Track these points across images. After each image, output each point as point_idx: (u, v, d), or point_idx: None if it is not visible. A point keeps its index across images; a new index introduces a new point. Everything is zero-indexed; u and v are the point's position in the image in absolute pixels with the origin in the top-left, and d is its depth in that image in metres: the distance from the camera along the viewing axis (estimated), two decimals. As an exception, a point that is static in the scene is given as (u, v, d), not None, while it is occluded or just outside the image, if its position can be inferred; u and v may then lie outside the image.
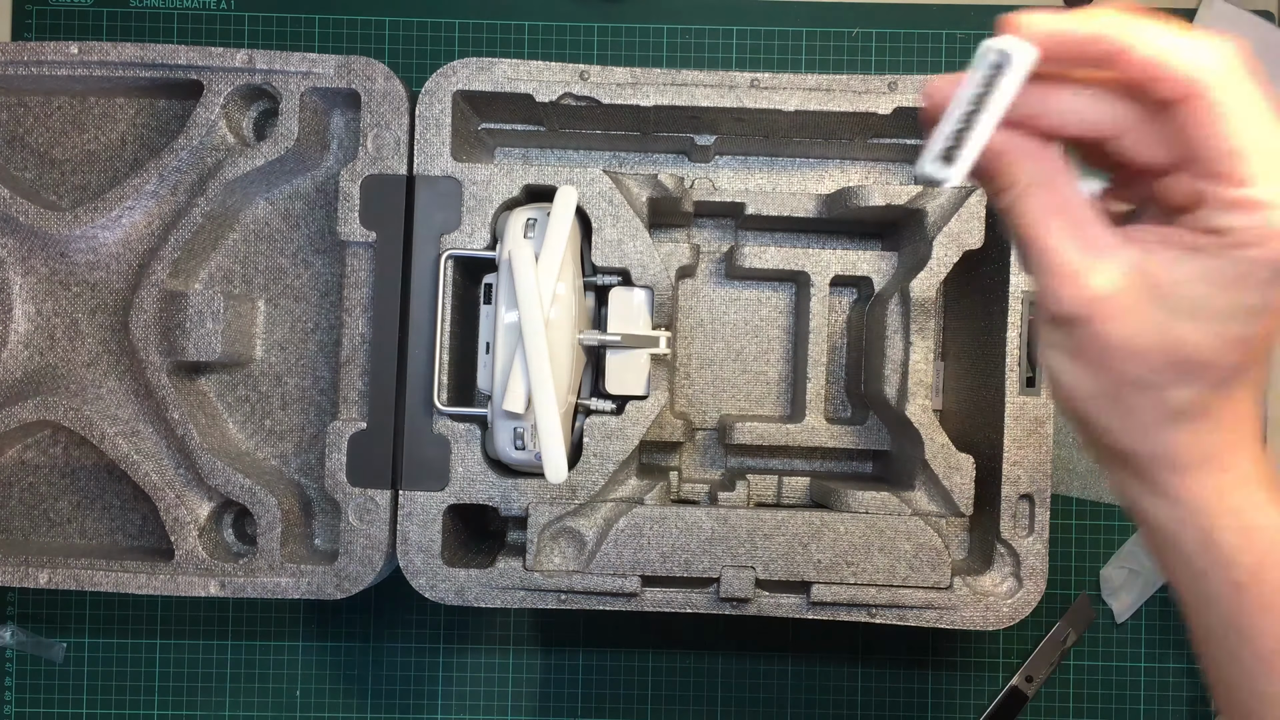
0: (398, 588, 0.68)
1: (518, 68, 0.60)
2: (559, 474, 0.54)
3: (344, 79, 0.60)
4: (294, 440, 0.65)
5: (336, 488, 0.59)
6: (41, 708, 0.71)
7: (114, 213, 0.62)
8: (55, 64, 0.61)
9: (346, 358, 0.61)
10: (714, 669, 0.71)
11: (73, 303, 0.64)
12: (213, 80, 0.60)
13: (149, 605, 0.71)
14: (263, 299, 0.65)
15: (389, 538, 0.60)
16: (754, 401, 0.68)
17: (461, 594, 0.59)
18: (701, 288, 0.69)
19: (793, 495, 0.67)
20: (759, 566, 0.59)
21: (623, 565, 0.59)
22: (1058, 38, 0.30)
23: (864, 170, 0.67)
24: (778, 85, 0.60)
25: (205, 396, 0.64)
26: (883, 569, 0.59)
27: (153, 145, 0.65)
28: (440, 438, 0.59)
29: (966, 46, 0.71)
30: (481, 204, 0.59)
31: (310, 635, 0.71)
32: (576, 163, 0.68)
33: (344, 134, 0.64)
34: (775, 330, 0.68)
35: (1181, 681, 0.71)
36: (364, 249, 0.60)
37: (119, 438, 0.62)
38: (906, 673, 0.71)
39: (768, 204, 0.64)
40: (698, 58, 0.71)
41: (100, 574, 0.60)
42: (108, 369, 0.64)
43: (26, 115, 0.65)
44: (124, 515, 0.66)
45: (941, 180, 0.32)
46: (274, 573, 0.60)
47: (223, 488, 0.60)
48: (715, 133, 0.64)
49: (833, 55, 0.71)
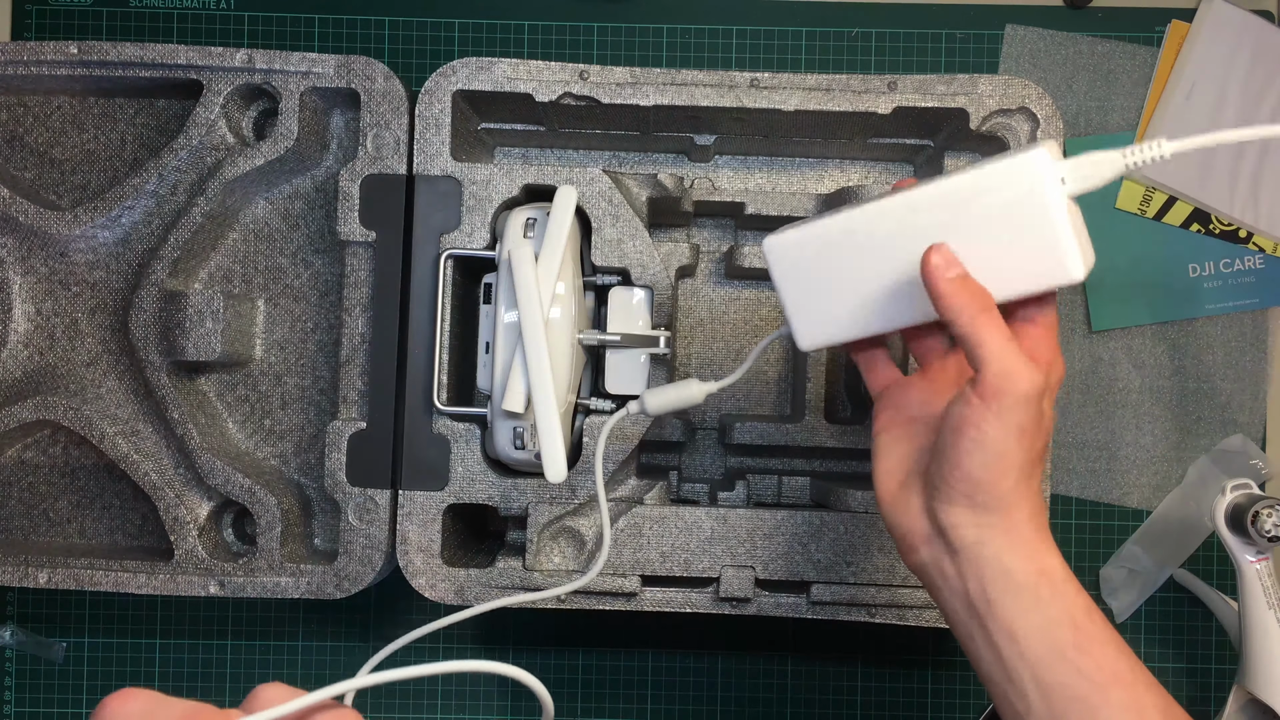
0: (398, 588, 0.68)
1: (517, 67, 0.60)
2: (559, 474, 0.54)
3: (344, 79, 0.60)
4: (294, 440, 0.65)
5: (336, 487, 0.59)
6: (41, 708, 0.71)
7: (114, 213, 0.62)
8: (55, 64, 0.61)
9: (346, 357, 0.61)
10: (714, 669, 0.71)
11: (73, 303, 0.64)
12: (212, 80, 0.60)
13: (149, 605, 0.71)
14: (262, 299, 0.65)
15: (389, 537, 0.60)
16: (754, 401, 0.68)
17: (461, 594, 0.59)
18: (701, 287, 0.69)
19: (793, 495, 0.67)
20: (759, 566, 0.59)
21: (622, 565, 0.59)
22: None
23: (864, 170, 0.67)
24: (778, 85, 0.60)
25: (205, 396, 0.64)
26: (883, 569, 0.59)
27: (153, 145, 0.65)
28: (440, 437, 0.59)
29: (966, 46, 0.71)
30: (481, 204, 0.59)
31: (310, 635, 0.71)
32: (576, 162, 0.68)
33: (344, 134, 0.64)
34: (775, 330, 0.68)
35: (1181, 681, 0.71)
36: (364, 249, 0.60)
37: (119, 437, 0.62)
38: (906, 673, 0.71)
39: (767, 204, 0.64)
40: (698, 58, 0.71)
41: (100, 574, 0.60)
42: (107, 369, 0.64)
43: (26, 115, 0.65)
44: (124, 515, 0.66)
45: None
46: (274, 573, 0.60)
47: (222, 487, 0.60)
48: (715, 132, 0.64)
49: (833, 55, 0.71)
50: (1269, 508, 0.61)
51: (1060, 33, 0.71)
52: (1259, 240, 0.70)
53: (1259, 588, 0.62)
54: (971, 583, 0.41)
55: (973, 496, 0.41)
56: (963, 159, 0.64)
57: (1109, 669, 0.39)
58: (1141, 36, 0.71)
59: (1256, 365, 0.70)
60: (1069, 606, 0.40)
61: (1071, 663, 0.39)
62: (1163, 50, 0.70)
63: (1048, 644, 0.40)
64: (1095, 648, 0.40)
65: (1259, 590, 0.62)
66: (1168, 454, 0.71)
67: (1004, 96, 0.59)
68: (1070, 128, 0.70)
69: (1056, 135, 0.60)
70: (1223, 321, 0.71)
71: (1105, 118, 0.71)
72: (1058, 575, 0.41)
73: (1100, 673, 0.39)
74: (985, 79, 0.60)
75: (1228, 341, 0.71)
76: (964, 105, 0.59)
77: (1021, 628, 0.40)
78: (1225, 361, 0.71)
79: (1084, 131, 0.71)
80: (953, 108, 0.60)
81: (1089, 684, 0.39)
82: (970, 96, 0.60)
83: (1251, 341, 0.70)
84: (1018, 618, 0.40)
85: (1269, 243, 0.70)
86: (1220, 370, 0.71)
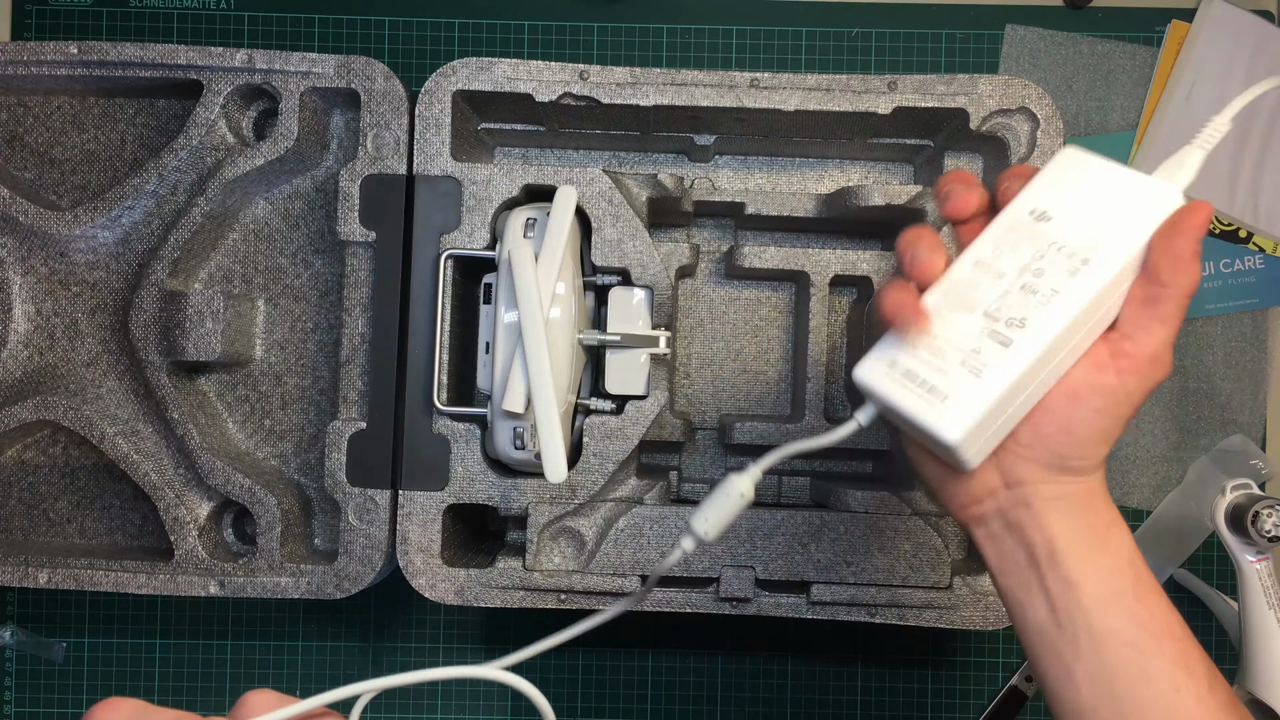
0: (397, 588, 0.68)
1: (517, 68, 0.60)
2: (559, 474, 0.54)
3: (344, 79, 0.60)
4: (294, 440, 0.65)
5: (336, 487, 0.59)
6: (41, 708, 0.71)
7: (114, 213, 0.62)
8: (55, 64, 0.61)
9: (346, 357, 0.61)
10: (714, 669, 0.71)
11: (73, 303, 0.64)
12: (212, 80, 0.60)
13: (149, 605, 0.71)
14: (263, 299, 0.65)
15: (389, 537, 0.60)
16: (754, 401, 0.68)
17: (461, 594, 0.59)
18: (701, 287, 0.69)
19: (793, 495, 0.67)
20: (759, 566, 0.59)
21: (623, 565, 0.59)
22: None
23: (864, 170, 0.67)
24: (778, 85, 0.60)
25: (205, 396, 0.64)
26: (882, 569, 0.59)
27: (153, 145, 0.65)
28: (440, 437, 0.59)
29: (966, 46, 0.71)
30: (481, 204, 0.59)
31: (310, 635, 0.71)
32: (576, 163, 0.67)
33: (344, 134, 0.64)
34: (775, 330, 0.68)
35: (1182, 681, 0.71)
36: (364, 249, 0.60)
37: (119, 437, 0.62)
38: (906, 673, 0.71)
39: (767, 204, 0.64)
40: (698, 58, 0.71)
41: (100, 574, 0.60)
42: (107, 369, 0.64)
43: (26, 115, 0.65)
44: (124, 515, 0.66)
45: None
46: (274, 573, 0.60)
47: (222, 488, 0.60)
48: (715, 132, 0.64)
49: (833, 55, 0.71)
50: (1269, 508, 0.61)
51: (1060, 33, 0.71)
52: (1259, 240, 0.70)
53: (1259, 588, 0.62)
54: (1039, 533, 0.41)
55: (1066, 460, 0.40)
56: (962, 159, 0.64)
57: (1162, 620, 0.40)
58: (1141, 36, 0.71)
59: (1256, 365, 0.70)
60: (1131, 556, 0.41)
61: (1129, 609, 0.40)
62: (1163, 50, 0.70)
63: (1107, 591, 0.40)
64: (1152, 598, 0.40)
65: (1259, 590, 0.62)
66: (1168, 454, 0.71)
67: (1004, 96, 0.59)
68: (1070, 128, 0.70)
69: (1056, 135, 0.60)
70: (1223, 321, 0.71)
71: (1105, 118, 0.71)
72: (1121, 527, 0.41)
73: (1154, 622, 0.39)
74: (985, 79, 0.60)
75: (1228, 341, 0.71)
76: (964, 105, 0.59)
77: (1082, 575, 0.40)
78: (1225, 361, 0.71)
79: (1084, 131, 0.71)
80: (953, 108, 0.60)
81: (1143, 632, 0.39)
82: (970, 96, 0.60)
83: (1251, 341, 0.71)
84: (1079, 565, 0.40)
85: (1269, 243, 0.70)
86: (1220, 370, 0.71)
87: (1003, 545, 0.43)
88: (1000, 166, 0.61)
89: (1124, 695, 0.39)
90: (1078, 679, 0.40)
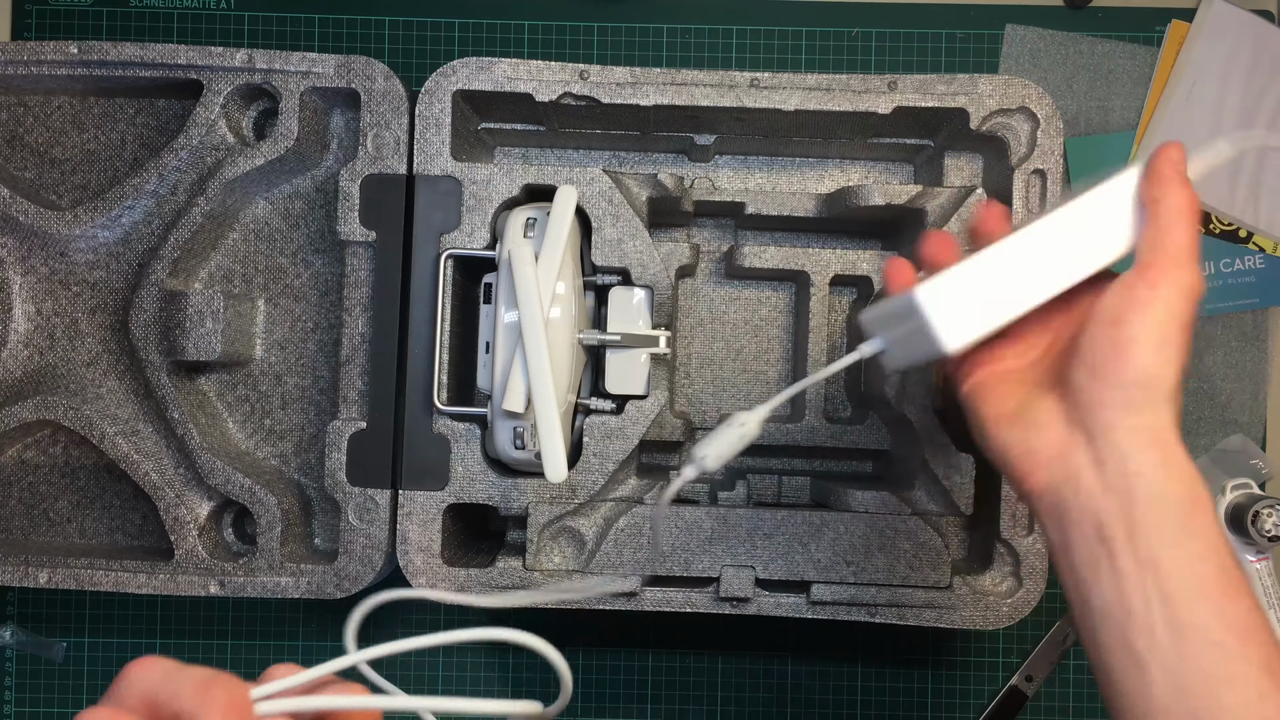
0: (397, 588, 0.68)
1: (517, 67, 0.60)
2: (559, 473, 0.54)
3: (344, 79, 0.60)
4: (294, 440, 0.65)
5: (336, 487, 0.59)
6: (41, 707, 0.71)
7: (114, 212, 0.62)
8: (55, 64, 0.61)
9: (346, 357, 0.61)
10: (714, 669, 0.71)
11: (73, 302, 0.64)
12: (213, 80, 0.60)
13: (149, 605, 0.71)
14: (263, 299, 0.65)
15: (389, 537, 0.60)
16: (754, 401, 0.68)
17: (461, 593, 0.59)
18: (701, 287, 0.69)
19: (792, 495, 0.67)
20: (759, 566, 0.59)
21: (623, 565, 0.59)
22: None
23: (864, 170, 0.67)
24: (778, 85, 0.60)
25: (205, 396, 0.64)
26: (883, 568, 0.59)
27: (153, 145, 0.65)
28: (440, 437, 0.59)
29: (966, 46, 0.71)
30: (481, 203, 0.59)
31: (310, 635, 0.71)
32: (576, 162, 0.68)
33: (344, 134, 0.64)
34: (775, 330, 0.68)
35: (1182, 681, 0.71)
36: (364, 248, 0.60)
37: (119, 437, 0.62)
38: (906, 673, 0.71)
39: (768, 204, 0.64)
40: (698, 57, 0.71)
41: (100, 574, 0.60)
42: (107, 369, 0.64)
43: (26, 115, 0.65)
44: (124, 515, 0.66)
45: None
46: (274, 572, 0.60)
47: (222, 487, 0.60)
48: (715, 132, 0.64)
49: (833, 55, 0.71)
50: (1269, 508, 0.61)
51: (1060, 33, 0.71)
52: (1259, 240, 0.70)
53: (1259, 588, 0.62)
54: (1113, 499, 0.38)
55: (1130, 390, 0.39)
56: (962, 159, 0.64)
57: (1249, 621, 0.37)
58: (1141, 36, 0.71)
59: (1256, 365, 0.70)
60: (1217, 545, 0.38)
61: (1216, 605, 0.37)
62: (1163, 50, 0.70)
63: (1194, 581, 0.37)
64: (1241, 597, 0.37)
65: (1259, 590, 0.62)
66: (1168, 454, 0.70)
67: (1004, 96, 0.59)
68: (1070, 128, 0.71)
69: (1056, 135, 0.60)
70: (1223, 321, 0.71)
71: (1105, 118, 0.71)
72: (1207, 506, 0.39)
73: (1242, 622, 0.37)
74: (985, 79, 0.60)
75: (1228, 341, 0.71)
76: (964, 105, 0.59)
77: (1167, 559, 0.37)
78: (1225, 361, 0.71)
79: (1084, 131, 0.71)
80: (953, 108, 0.60)
81: (1231, 632, 0.36)
82: (970, 96, 0.60)
83: (1251, 341, 0.71)
84: (1164, 548, 0.37)
85: (1269, 243, 0.70)
86: (1220, 370, 0.71)
87: (1068, 516, 0.40)
88: (1000, 166, 0.61)
89: (1200, 695, 0.36)
90: (1151, 672, 0.37)
